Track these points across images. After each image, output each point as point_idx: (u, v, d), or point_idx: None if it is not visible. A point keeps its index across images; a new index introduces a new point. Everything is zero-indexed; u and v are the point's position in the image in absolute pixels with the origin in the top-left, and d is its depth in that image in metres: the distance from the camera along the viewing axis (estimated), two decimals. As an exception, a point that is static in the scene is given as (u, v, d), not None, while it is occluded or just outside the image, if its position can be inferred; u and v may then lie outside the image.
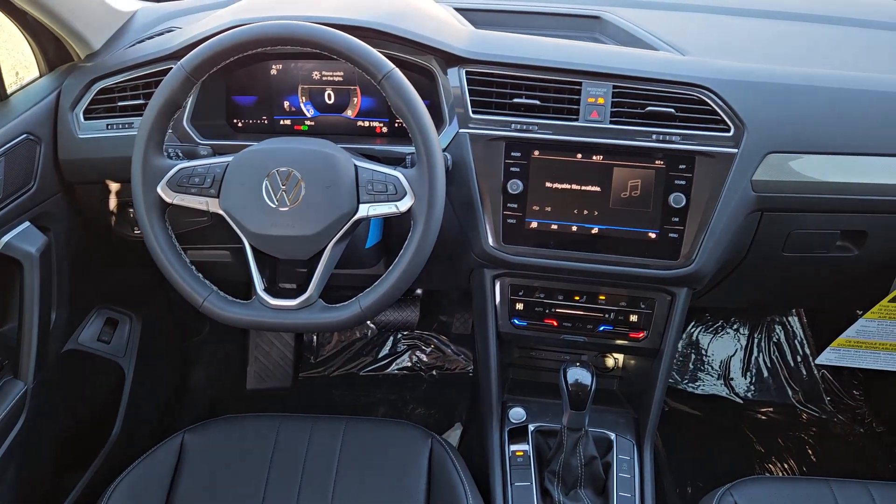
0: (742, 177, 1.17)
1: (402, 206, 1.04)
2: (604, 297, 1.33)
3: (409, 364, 2.26)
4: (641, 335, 1.34)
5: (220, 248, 1.42)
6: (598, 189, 1.21)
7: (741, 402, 2.14)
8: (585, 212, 1.22)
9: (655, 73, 1.19)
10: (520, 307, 1.36)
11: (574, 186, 1.21)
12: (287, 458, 1.22)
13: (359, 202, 1.05)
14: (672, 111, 1.17)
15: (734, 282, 1.39)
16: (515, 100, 1.20)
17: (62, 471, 1.49)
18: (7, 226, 1.22)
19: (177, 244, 1.10)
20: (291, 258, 1.09)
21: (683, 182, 1.18)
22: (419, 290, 2.14)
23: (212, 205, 1.08)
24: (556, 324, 1.36)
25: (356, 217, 1.05)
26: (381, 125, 1.36)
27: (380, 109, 1.35)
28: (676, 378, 2.19)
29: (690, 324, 2.27)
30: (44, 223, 1.31)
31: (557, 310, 1.35)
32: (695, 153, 1.17)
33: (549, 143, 1.20)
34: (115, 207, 1.37)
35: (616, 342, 1.38)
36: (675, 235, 1.20)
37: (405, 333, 2.30)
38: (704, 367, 2.21)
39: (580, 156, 1.20)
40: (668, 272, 1.23)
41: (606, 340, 1.38)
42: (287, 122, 1.38)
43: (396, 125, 1.36)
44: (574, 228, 1.23)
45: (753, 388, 2.17)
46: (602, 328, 1.35)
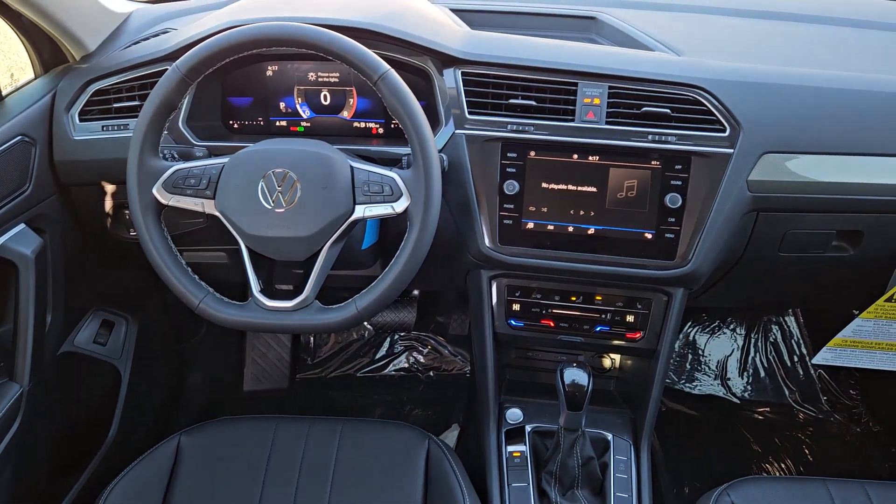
0: (738, 177, 1.17)
1: (399, 207, 1.04)
2: (600, 298, 1.33)
3: (406, 365, 2.26)
4: (638, 335, 1.34)
5: (217, 250, 1.42)
6: (595, 190, 1.21)
7: (738, 402, 2.14)
8: (582, 212, 1.22)
9: (651, 74, 1.19)
10: (516, 308, 1.36)
11: (570, 187, 1.21)
12: (284, 460, 1.22)
13: (355, 203, 1.05)
14: (668, 111, 1.17)
15: (730, 282, 1.39)
16: (511, 100, 1.20)
17: (58, 473, 1.48)
18: (2, 228, 1.22)
19: (172, 246, 1.10)
20: (288, 259, 1.08)
21: (679, 182, 1.18)
22: (416, 292, 2.14)
23: (207, 206, 1.07)
24: (553, 324, 1.36)
25: (352, 218, 1.05)
26: (378, 126, 1.36)
27: (376, 110, 1.35)
28: (673, 378, 2.19)
29: (687, 324, 2.27)
30: (39, 225, 1.31)
31: (554, 310, 1.35)
32: (690, 153, 1.17)
33: (546, 144, 1.20)
34: (111, 209, 1.37)
35: (613, 342, 1.38)
36: (672, 236, 1.20)
37: (402, 334, 2.30)
38: (701, 368, 2.21)
39: (576, 156, 1.20)
40: (665, 272, 1.23)
41: (603, 341, 1.38)
42: (283, 124, 1.38)
43: (393, 126, 1.36)
44: (570, 229, 1.23)
45: (750, 388, 2.17)
46: (599, 329, 1.35)
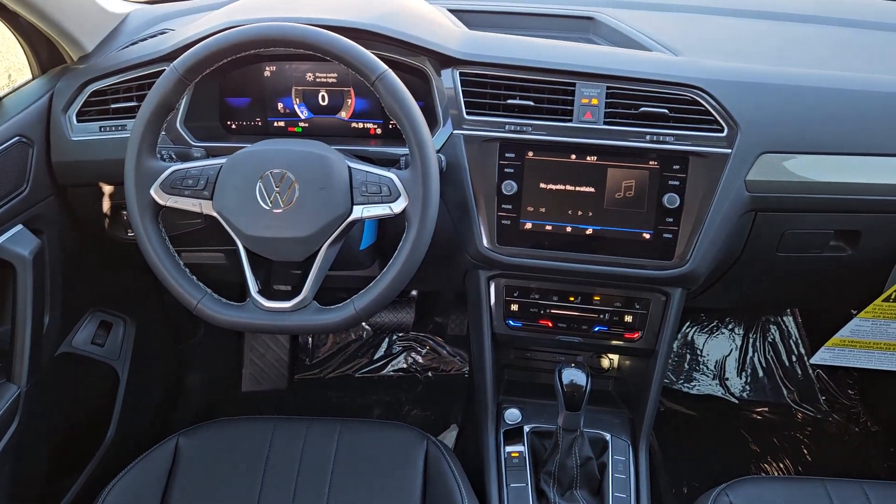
0: (736, 177, 1.17)
1: (397, 208, 1.04)
2: (598, 298, 1.33)
3: (405, 366, 2.26)
4: (636, 336, 1.34)
5: (215, 251, 1.42)
6: (593, 190, 1.21)
7: (736, 402, 2.14)
8: (580, 212, 1.22)
9: (649, 74, 1.19)
10: (515, 308, 1.36)
11: (568, 187, 1.21)
12: (282, 461, 1.22)
13: (353, 204, 1.05)
14: (665, 112, 1.17)
15: (729, 282, 1.39)
16: (509, 101, 1.20)
17: (56, 474, 1.48)
18: None
19: (170, 246, 1.10)
20: (285, 260, 1.08)
21: (677, 182, 1.18)
22: (414, 292, 2.13)
23: (205, 207, 1.07)
24: (551, 325, 1.36)
25: (350, 219, 1.05)
26: (376, 127, 1.36)
27: (374, 111, 1.35)
28: (672, 378, 2.19)
29: (685, 324, 2.27)
30: (37, 226, 1.31)
31: (552, 311, 1.35)
32: (688, 154, 1.17)
33: (543, 144, 1.20)
34: (109, 210, 1.37)
35: (611, 343, 1.38)
36: (670, 236, 1.20)
37: (400, 335, 2.29)
38: (700, 368, 2.21)
39: (574, 157, 1.20)
40: (663, 272, 1.23)
41: (601, 341, 1.38)
42: (281, 124, 1.38)
43: (390, 127, 1.35)
44: (568, 229, 1.23)
45: (749, 388, 2.17)
46: (597, 329, 1.35)
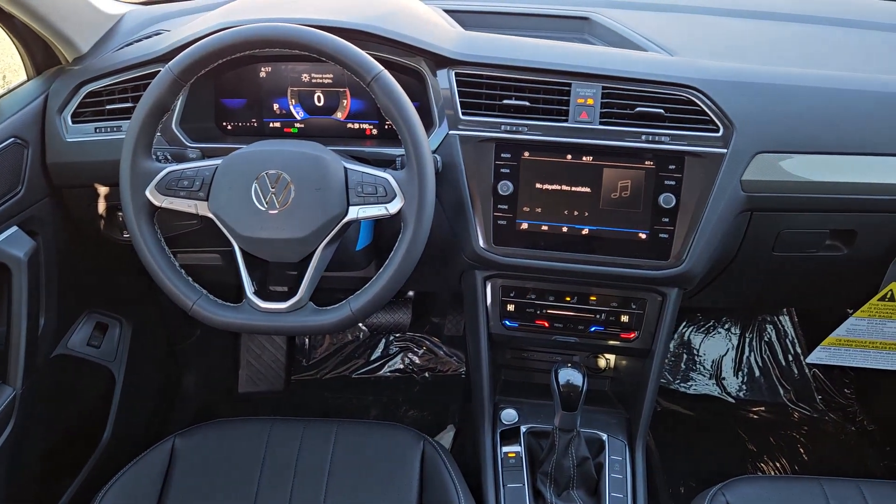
0: (731, 177, 1.17)
1: (392, 208, 1.04)
2: (595, 298, 1.33)
3: (402, 366, 2.26)
4: (633, 335, 1.34)
5: (211, 252, 1.42)
6: (589, 190, 1.21)
7: (733, 402, 2.14)
8: (576, 213, 1.22)
9: (644, 74, 1.19)
10: (511, 308, 1.36)
11: (564, 187, 1.21)
12: (279, 462, 1.22)
13: (349, 204, 1.05)
14: (661, 112, 1.17)
15: (725, 282, 1.40)
16: (505, 101, 1.20)
17: (52, 476, 1.48)
18: None
19: (166, 248, 1.10)
20: (281, 261, 1.08)
21: (673, 182, 1.18)
22: (411, 293, 2.13)
23: (201, 208, 1.07)
24: (548, 325, 1.36)
25: (346, 219, 1.05)
26: (371, 127, 1.36)
27: (369, 111, 1.35)
28: (668, 378, 2.20)
29: (682, 324, 2.27)
30: (32, 227, 1.30)
31: (548, 311, 1.35)
32: (684, 153, 1.17)
33: (539, 145, 1.20)
34: (104, 211, 1.36)
35: (607, 343, 1.38)
36: (666, 236, 1.20)
37: (397, 336, 2.29)
38: (696, 367, 2.22)
39: (570, 157, 1.20)
40: (659, 272, 1.23)
41: (598, 341, 1.38)
42: (276, 125, 1.37)
43: (386, 127, 1.35)
44: (564, 229, 1.23)
45: (745, 388, 2.18)
46: (593, 329, 1.35)
